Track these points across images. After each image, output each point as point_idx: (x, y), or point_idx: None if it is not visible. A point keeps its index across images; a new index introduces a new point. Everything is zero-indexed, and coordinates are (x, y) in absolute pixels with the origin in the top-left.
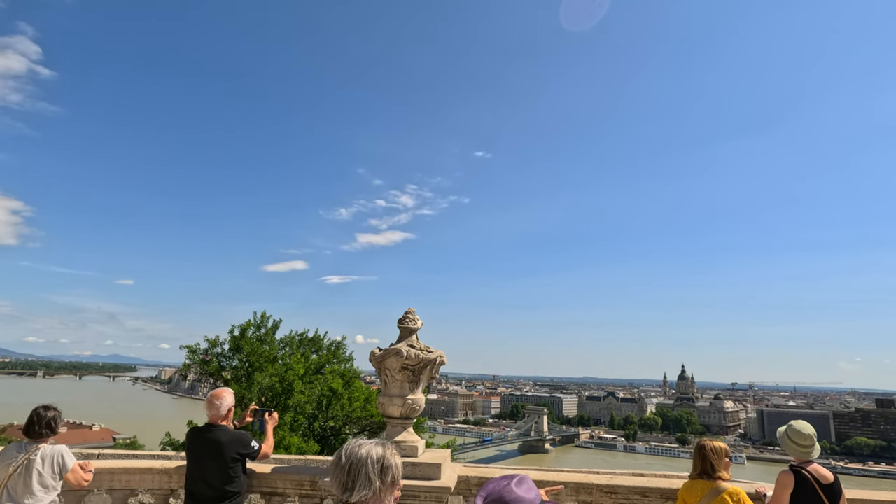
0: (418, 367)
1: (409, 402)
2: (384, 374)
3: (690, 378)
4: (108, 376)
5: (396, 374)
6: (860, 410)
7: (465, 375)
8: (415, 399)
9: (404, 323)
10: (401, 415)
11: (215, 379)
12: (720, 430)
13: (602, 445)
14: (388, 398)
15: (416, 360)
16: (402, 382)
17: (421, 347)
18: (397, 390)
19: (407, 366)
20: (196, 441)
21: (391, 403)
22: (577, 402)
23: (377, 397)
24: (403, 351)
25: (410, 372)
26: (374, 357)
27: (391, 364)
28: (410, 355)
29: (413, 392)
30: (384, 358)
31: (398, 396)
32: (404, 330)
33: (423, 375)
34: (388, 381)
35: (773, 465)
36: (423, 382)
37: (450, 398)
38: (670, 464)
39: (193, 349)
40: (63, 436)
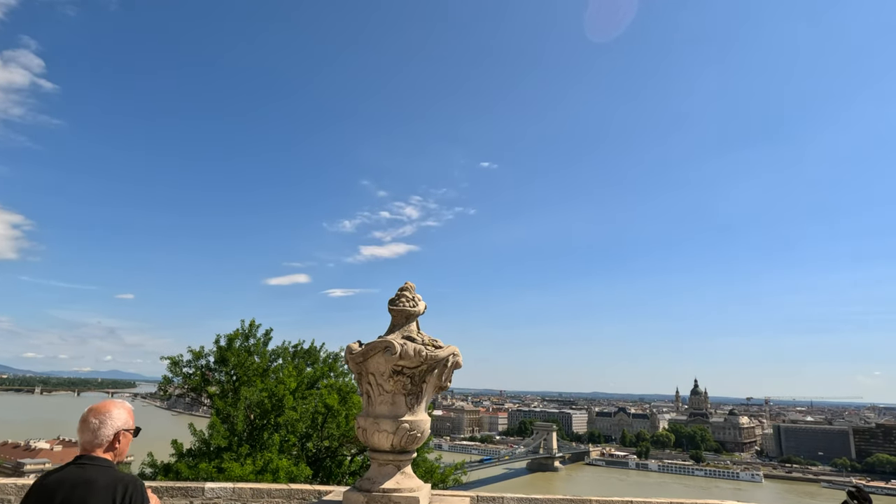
0: (420, 371)
1: (406, 427)
2: (367, 381)
3: (704, 392)
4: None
5: (386, 381)
6: (881, 426)
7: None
8: (415, 421)
9: (398, 304)
10: (392, 446)
11: (198, 394)
12: (735, 447)
13: (613, 463)
14: (371, 420)
15: (416, 360)
16: (394, 395)
17: (425, 340)
18: (387, 407)
19: (402, 368)
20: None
21: (377, 429)
22: (587, 417)
23: (356, 419)
24: (396, 345)
25: (408, 378)
26: (352, 354)
27: (377, 366)
28: (407, 352)
29: (412, 409)
30: (367, 356)
31: (388, 417)
32: (398, 314)
33: (427, 384)
34: (373, 392)
35: (792, 484)
36: (429, 394)
37: (456, 414)
38: (685, 482)
39: (175, 361)
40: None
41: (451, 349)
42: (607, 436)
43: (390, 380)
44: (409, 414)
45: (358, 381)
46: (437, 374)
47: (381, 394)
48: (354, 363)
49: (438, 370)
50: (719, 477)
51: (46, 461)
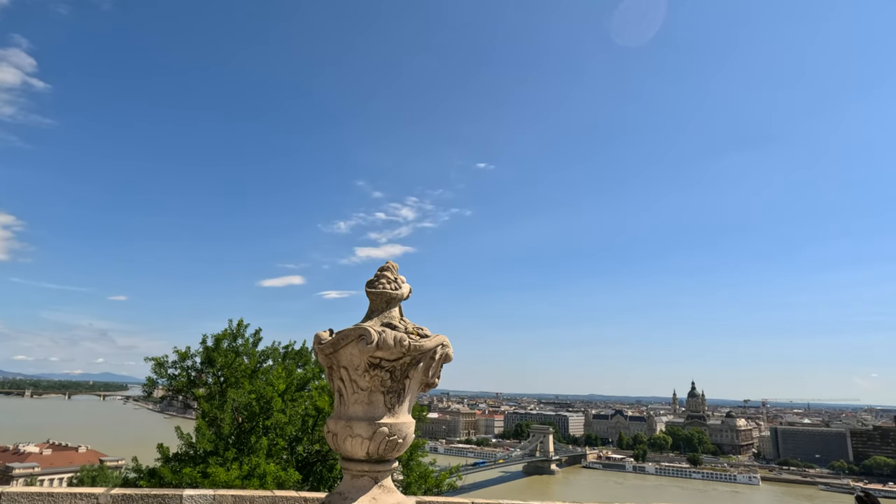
0: (402, 365)
1: (385, 431)
2: (338, 377)
3: (701, 395)
4: (98, 395)
5: (361, 376)
6: (878, 428)
7: (468, 393)
8: (395, 424)
9: (377, 286)
10: (368, 454)
11: (184, 396)
12: (733, 450)
13: (610, 466)
14: (342, 423)
15: (397, 351)
16: (370, 393)
17: (408, 328)
18: (362, 408)
19: (380, 361)
20: None
21: (349, 433)
22: (584, 420)
23: (326, 422)
24: (372, 333)
25: (387, 373)
26: (321, 345)
27: (350, 358)
28: (386, 341)
29: (393, 410)
30: (337, 347)
31: (363, 420)
32: (377, 298)
33: (410, 379)
34: (346, 390)
35: (790, 487)
36: (413, 392)
37: (451, 417)
38: (682, 485)
39: (160, 362)
40: (48, 458)
41: (440, 339)
42: (604, 438)
43: (366, 375)
44: (389, 415)
45: (329, 376)
46: (423, 369)
47: (356, 391)
48: (323, 355)
49: (424, 363)
50: (716, 480)
51: (36, 465)
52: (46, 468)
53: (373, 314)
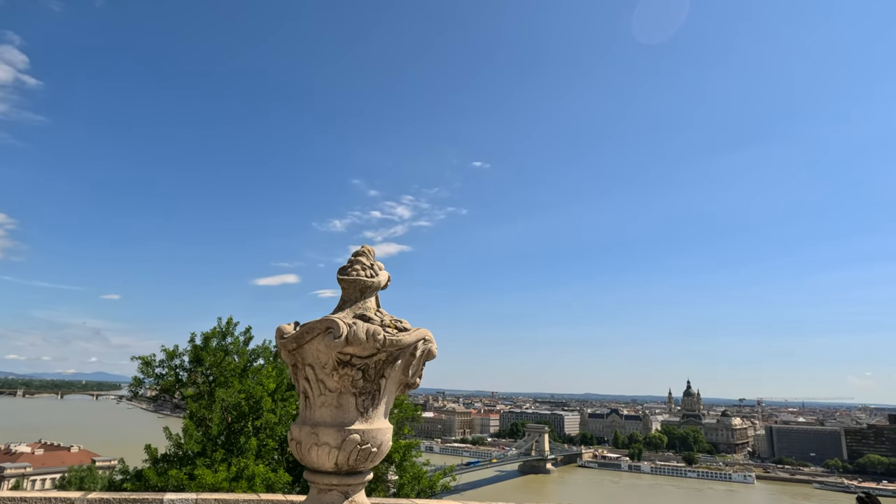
0: (377, 362)
1: (356, 438)
2: (303, 376)
3: (696, 394)
4: (90, 395)
5: (329, 375)
6: (872, 427)
7: (463, 392)
8: (369, 431)
9: (350, 273)
10: (337, 465)
11: (171, 395)
12: (728, 449)
13: (606, 465)
14: (307, 429)
15: (370, 346)
16: (340, 395)
17: (385, 321)
18: (330, 412)
19: (351, 358)
20: None
21: (315, 441)
22: (580, 419)
23: (291, 427)
24: (341, 326)
25: (359, 371)
26: (283, 339)
27: (316, 355)
28: (357, 335)
29: (366, 415)
30: (302, 341)
31: (331, 426)
32: (350, 287)
33: (387, 379)
34: (312, 391)
35: (784, 485)
36: (391, 394)
37: (447, 416)
38: (678, 484)
39: (147, 361)
40: (40, 457)
41: (421, 333)
42: (600, 437)
43: (334, 374)
44: (362, 421)
45: (293, 376)
46: (402, 367)
47: (323, 393)
48: (286, 351)
49: (403, 361)
50: (712, 478)
51: (27, 465)
52: (38, 468)
53: (345, 305)
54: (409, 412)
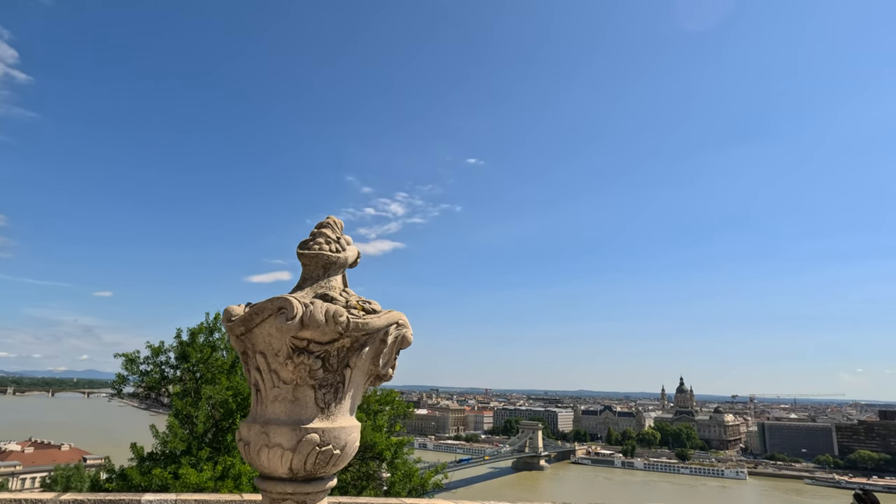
0: (339, 349)
1: (314, 439)
2: (254, 366)
3: (689, 391)
4: (82, 392)
5: (282, 364)
6: (863, 423)
7: (457, 389)
8: (330, 430)
9: (311, 247)
10: (292, 471)
11: (157, 393)
12: (721, 445)
13: (599, 461)
14: (257, 428)
15: (331, 331)
16: (295, 387)
17: (351, 301)
18: (284, 407)
19: (308, 344)
20: None
21: (265, 442)
22: (573, 416)
23: (240, 425)
24: (295, 306)
25: (318, 360)
26: (231, 322)
27: (267, 340)
28: (314, 316)
29: (328, 411)
30: (251, 324)
31: (285, 424)
32: (312, 263)
33: (352, 369)
34: (264, 383)
35: (776, 481)
36: (358, 386)
37: (441, 413)
38: (671, 480)
39: (131, 358)
40: (30, 456)
41: (393, 315)
42: (593, 434)
43: (289, 363)
44: (322, 418)
45: (245, 366)
46: (370, 355)
47: (276, 386)
48: (235, 336)
49: (372, 348)
50: (704, 475)
51: (17, 464)
52: (28, 466)
53: (305, 283)
54: (401, 409)
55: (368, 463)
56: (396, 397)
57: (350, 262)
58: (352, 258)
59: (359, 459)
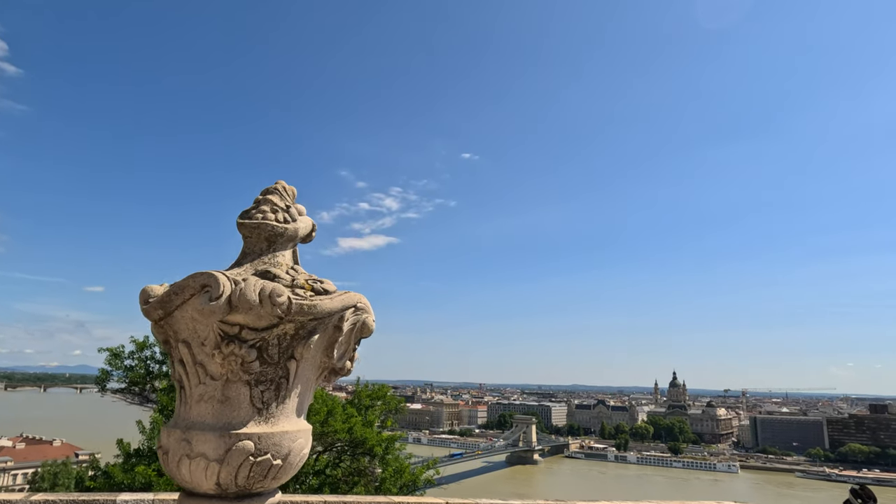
0: (281, 336)
1: (248, 447)
2: (177, 358)
3: (682, 385)
4: (74, 388)
5: (209, 356)
6: (854, 416)
7: (451, 384)
8: (270, 435)
9: (255, 216)
10: (221, 486)
11: (142, 388)
12: (713, 439)
13: (592, 455)
14: (177, 434)
15: (269, 314)
16: (225, 383)
17: (299, 280)
18: (210, 409)
19: (240, 331)
20: None
21: (186, 451)
22: (567, 410)
23: (160, 431)
24: (221, 282)
25: (253, 350)
26: (148, 304)
27: (192, 326)
28: (244, 296)
29: (266, 412)
30: (170, 308)
31: (210, 429)
32: (253, 234)
33: (298, 361)
34: (188, 378)
35: (768, 474)
36: (305, 381)
37: (435, 408)
38: (663, 473)
39: (116, 353)
40: (21, 451)
41: (349, 297)
42: (586, 428)
43: (217, 353)
44: (259, 420)
45: (169, 358)
46: (323, 345)
47: (203, 382)
48: (154, 323)
49: (324, 336)
50: (697, 468)
51: (9, 459)
52: (20, 462)
53: (245, 259)
54: (393, 404)
55: (359, 459)
56: (388, 392)
57: (302, 235)
58: (304, 231)
59: (350, 456)
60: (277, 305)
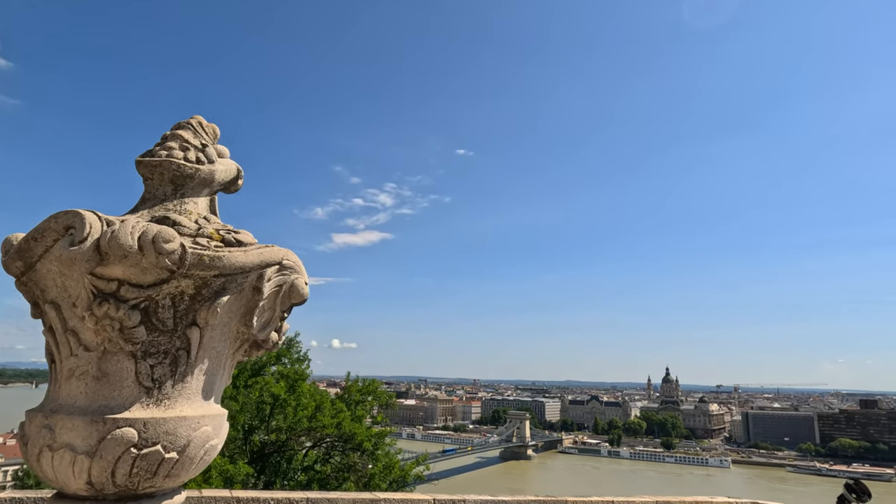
0: (176, 297)
1: (128, 436)
2: (47, 324)
3: (675, 381)
4: None
5: (82, 320)
6: (844, 411)
7: (445, 380)
8: (159, 421)
9: (158, 153)
10: (94, 485)
11: None
12: (705, 434)
13: (586, 451)
14: (40, 418)
15: (155, 265)
16: (102, 355)
17: (207, 229)
18: (83, 388)
19: (118, 287)
20: None
21: (49, 442)
22: (560, 406)
23: (27, 416)
24: (88, 223)
25: (137, 311)
26: (8, 255)
27: (60, 282)
28: (116, 241)
29: (158, 392)
30: (30, 258)
31: (80, 413)
32: (155, 175)
33: (202, 328)
34: (58, 349)
35: (759, 469)
36: (214, 354)
37: (429, 404)
38: (656, 469)
39: None
40: (12, 448)
41: (272, 252)
42: (580, 424)
43: (88, 316)
44: (147, 403)
45: (43, 326)
46: (238, 310)
47: (74, 353)
48: (17, 279)
49: (238, 299)
50: (689, 463)
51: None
52: (10, 459)
53: (143, 205)
54: (384, 399)
55: (349, 455)
56: (379, 387)
57: (221, 180)
58: (224, 176)
59: (340, 451)
60: (165, 255)
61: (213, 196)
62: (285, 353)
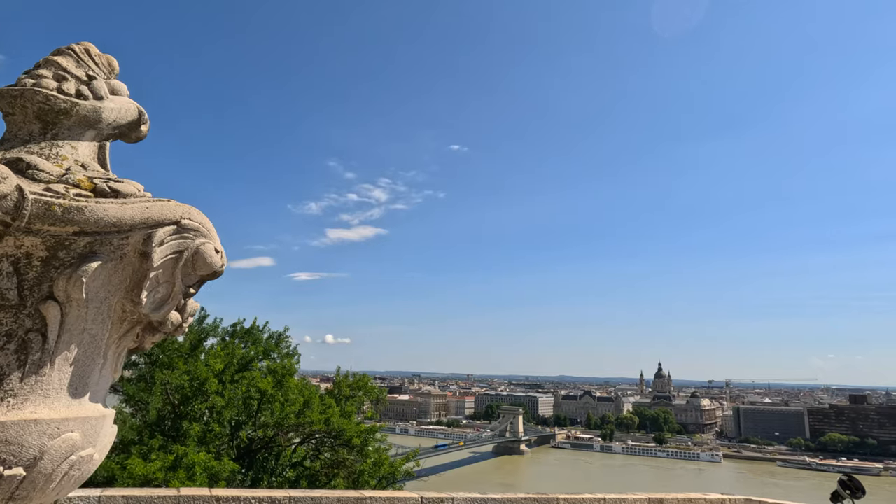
0: (28, 262)
1: None
2: None
3: (667, 376)
4: None
5: None
6: (834, 407)
7: (439, 375)
8: (3, 425)
9: (24, 82)
10: None
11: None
12: (697, 429)
13: (578, 446)
14: None
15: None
16: None
17: (76, 176)
18: None
19: None
20: None
21: None
22: (553, 401)
23: None
24: None
25: None
26: None
27: None
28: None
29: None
30: None
31: None
32: (18, 109)
33: (64, 303)
34: None
35: (750, 464)
36: (89, 337)
37: (422, 399)
38: (648, 463)
39: None
40: None
41: (167, 208)
42: (573, 419)
43: None
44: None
45: None
46: (119, 281)
47: None
48: None
49: (116, 266)
50: (681, 458)
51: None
52: None
53: (1, 146)
54: (374, 395)
55: (338, 451)
56: (369, 382)
57: (114, 122)
58: (117, 116)
59: (329, 448)
60: (16, 207)
61: (104, 143)
62: (274, 349)
